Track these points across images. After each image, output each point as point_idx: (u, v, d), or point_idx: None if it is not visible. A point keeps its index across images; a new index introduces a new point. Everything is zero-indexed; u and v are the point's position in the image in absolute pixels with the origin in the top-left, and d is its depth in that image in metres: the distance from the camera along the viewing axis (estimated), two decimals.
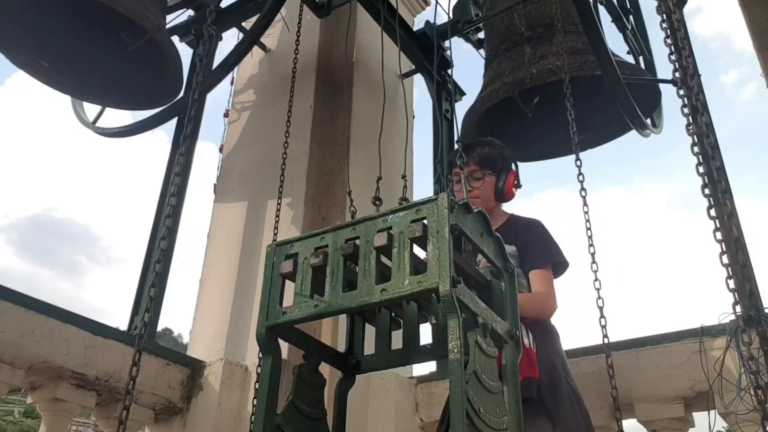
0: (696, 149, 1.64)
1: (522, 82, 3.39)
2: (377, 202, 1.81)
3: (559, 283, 2.44)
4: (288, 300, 1.55)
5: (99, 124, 3.80)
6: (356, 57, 3.98)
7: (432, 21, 4.11)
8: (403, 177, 1.96)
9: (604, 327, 2.06)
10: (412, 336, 1.74)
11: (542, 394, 2.10)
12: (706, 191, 1.58)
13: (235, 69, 3.97)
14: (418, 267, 1.40)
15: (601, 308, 2.05)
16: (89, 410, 2.76)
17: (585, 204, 2.21)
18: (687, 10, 3.03)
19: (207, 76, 3.23)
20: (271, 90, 4.06)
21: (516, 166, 2.66)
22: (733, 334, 2.41)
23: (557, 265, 2.43)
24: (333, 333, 2.98)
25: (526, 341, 2.14)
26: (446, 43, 4.25)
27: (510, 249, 2.45)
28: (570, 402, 2.16)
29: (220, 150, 4.08)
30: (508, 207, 2.68)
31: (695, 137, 1.64)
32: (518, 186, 2.63)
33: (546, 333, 2.30)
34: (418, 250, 1.44)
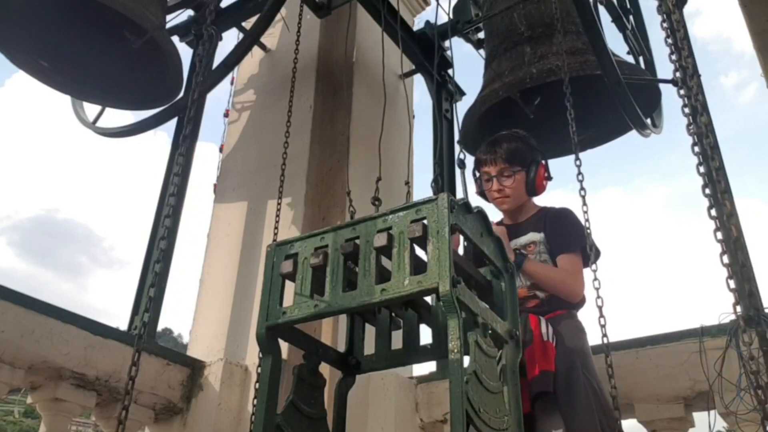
0: (696, 149, 1.64)
1: (522, 82, 3.38)
2: (376, 202, 1.81)
3: None
4: (288, 300, 1.55)
5: (99, 124, 3.80)
6: (356, 57, 3.98)
7: (432, 21, 4.12)
8: (407, 183, 1.95)
9: (603, 326, 2.06)
10: (411, 336, 1.74)
11: (558, 390, 2.09)
12: (707, 191, 1.58)
13: (235, 69, 3.97)
14: (419, 267, 1.40)
15: (600, 308, 2.04)
16: (89, 410, 2.76)
17: (584, 203, 2.21)
18: (686, 12, 3.03)
19: (207, 76, 3.23)
20: (271, 90, 4.06)
21: (545, 157, 2.63)
22: (733, 334, 2.41)
23: (586, 250, 2.39)
24: (333, 333, 2.98)
25: (544, 335, 2.13)
26: (446, 43, 4.25)
27: (538, 236, 2.46)
28: (586, 398, 2.11)
29: (220, 150, 4.08)
30: None
31: (695, 137, 1.64)
32: (549, 178, 2.61)
33: (572, 329, 2.29)
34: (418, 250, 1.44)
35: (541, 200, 2.68)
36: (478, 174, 2.66)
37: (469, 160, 2.72)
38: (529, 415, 2.02)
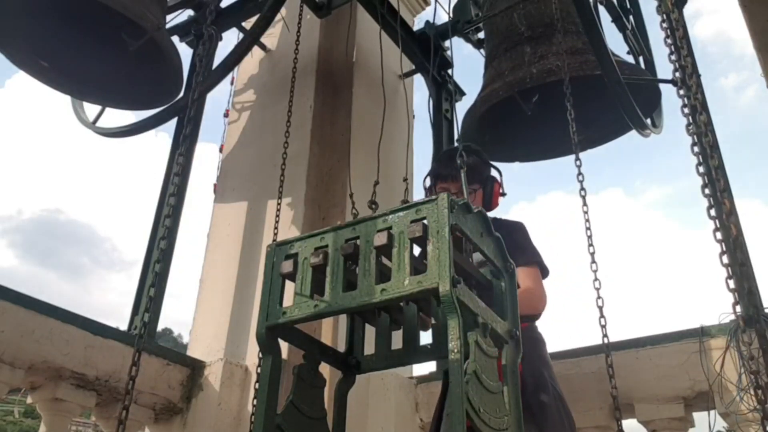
0: (696, 149, 1.64)
1: (522, 82, 3.38)
2: (373, 206, 1.80)
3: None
4: (288, 300, 1.55)
5: (99, 124, 3.80)
6: (356, 57, 3.99)
7: (432, 21, 4.12)
8: (405, 180, 1.95)
9: (604, 327, 2.06)
10: (411, 336, 1.74)
11: (529, 402, 2.12)
12: (706, 191, 1.58)
13: (235, 69, 3.97)
14: (419, 267, 1.40)
15: (600, 308, 2.05)
16: (89, 410, 2.76)
17: (585, 203, 2.21)
18: (686, 14, 3.03)
19: (207, 76, 3.23)
20: (271, 90, 4.06)
21: (500, 172, 2.62)
22: (733, 333, 2.41)
23: (542, 264, 2.41)
24: (333, 333, 2.98)
25: None
26: (446, 43, 4.25)
27: None
28: (556, 408, 2.17)
29: (220, 150, 4.08)
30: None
31: (695, 137, 1.63)
32: (503, 194, 2.60)
33: (532, 341, 2.30)
34: (417, 250, 1.44)
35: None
36: (430, 185, 2.60)
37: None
38: None
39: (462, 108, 3.99)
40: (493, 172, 2.62)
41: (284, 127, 2.88)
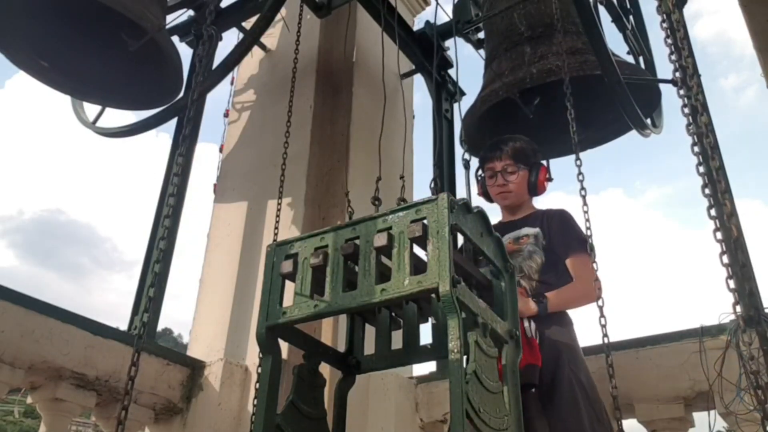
0: (696, 149, 1.64)
1: (522, 82, 3.38)
2: (376, 202, 1.81)
3: None
4: (288, 300, 1.55)
5: (99, 124, 3.80)
6: (356, 57, 3.98)
7: (432, 21, 4.11)
8: (401, 177, 1.96)
9: (604, 326, 2.06)
10: (412, 336, 1.74)
11: (543, 384, 2.11)
12: (706, 191, 1.58)
13: (235, 69, 3.97)
14: (419, 267, 1.40)
15: (601, 308, 2.05)
16: (89, 410, 2.76)
17: (585, 203, 2.21)
18: (686, 14, 3.03)
19: (207, 76, 3.23)
20: (271, 90, 4.06)
21: (546, 159, 2.73)
22: (733, 334, 2.41)
23: (589, 246, 2.45)
24: (333, 333, 2.98)
25: (527, 330, 2.14)
26: (446, 43, 4.25)
27: (532, 231, 2.54)
28: (571, 392, 2.14)
29: (220, 150, 4.08)
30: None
31: (695, 137, 1.63)
32: (550, 179, 2.70)
33: (557, 322, 2.30)
34: (417, 250, 1.44)
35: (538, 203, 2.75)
36: (481, 172, 2.75)
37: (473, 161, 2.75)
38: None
39: (462, 108, 3.99)
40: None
41: (284, 127, 2.88)
